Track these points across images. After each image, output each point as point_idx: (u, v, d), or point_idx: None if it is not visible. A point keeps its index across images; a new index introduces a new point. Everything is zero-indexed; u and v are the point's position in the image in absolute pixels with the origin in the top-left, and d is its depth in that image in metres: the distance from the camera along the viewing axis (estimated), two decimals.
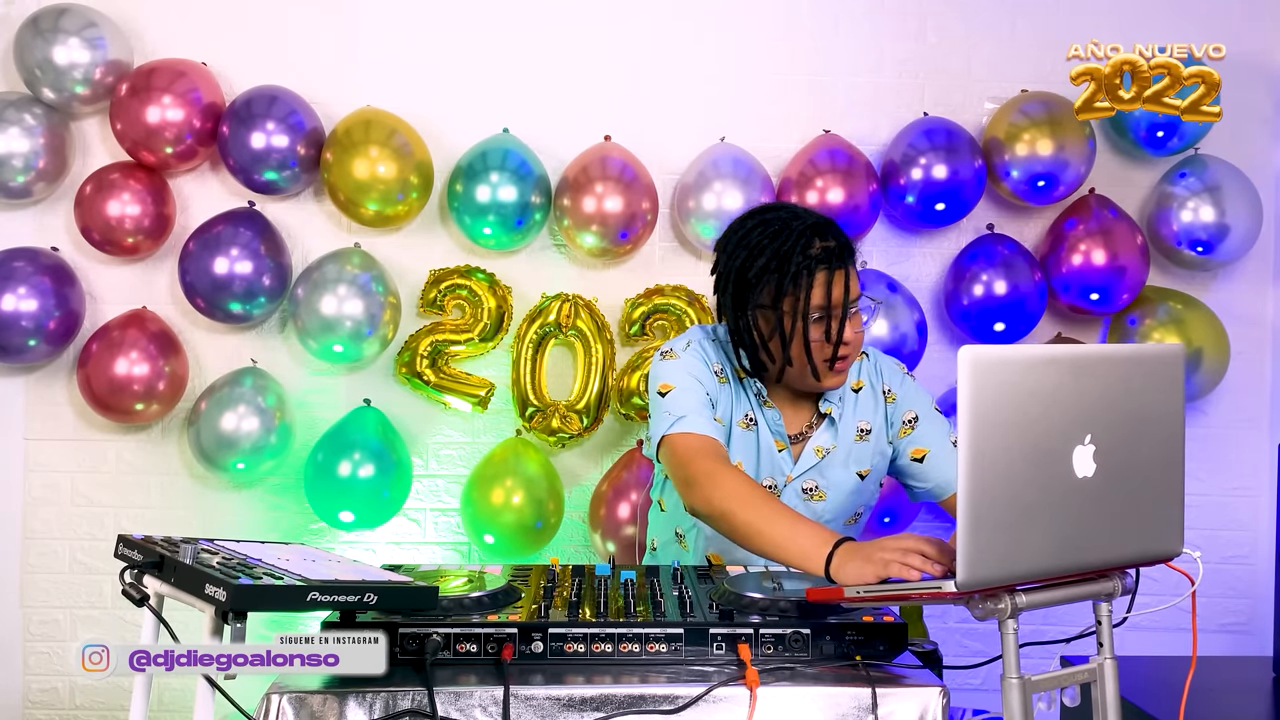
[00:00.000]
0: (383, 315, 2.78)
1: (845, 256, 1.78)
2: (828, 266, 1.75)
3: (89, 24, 2.78)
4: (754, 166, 2.82)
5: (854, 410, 1.93)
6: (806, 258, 1.75)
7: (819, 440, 1.90)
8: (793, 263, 1.74)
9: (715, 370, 1.88)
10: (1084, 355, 1.30)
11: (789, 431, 1.90)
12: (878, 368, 1.97)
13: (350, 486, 2.74)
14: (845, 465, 1.91)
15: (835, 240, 1.78)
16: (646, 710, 1.32)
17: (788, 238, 1.76)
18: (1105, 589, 1.31)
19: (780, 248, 1.76)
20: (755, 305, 1.80)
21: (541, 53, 2.95)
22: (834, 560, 1.49)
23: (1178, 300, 2.85)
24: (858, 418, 1.92)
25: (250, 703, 1.34)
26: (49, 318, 2.75)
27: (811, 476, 1.90)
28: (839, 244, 1.78)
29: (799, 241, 1.75)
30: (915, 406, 1.95)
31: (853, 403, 1.93)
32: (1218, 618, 2.95)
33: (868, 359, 1.98)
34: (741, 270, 1.80)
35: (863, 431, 1.91)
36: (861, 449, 1.92)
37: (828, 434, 1.90)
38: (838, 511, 1.91)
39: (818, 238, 1.77)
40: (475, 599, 1.49)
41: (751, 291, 1.79)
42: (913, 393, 1.96)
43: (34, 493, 2.95)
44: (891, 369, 1.98)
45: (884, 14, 2.97)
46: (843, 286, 1.75)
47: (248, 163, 2.76)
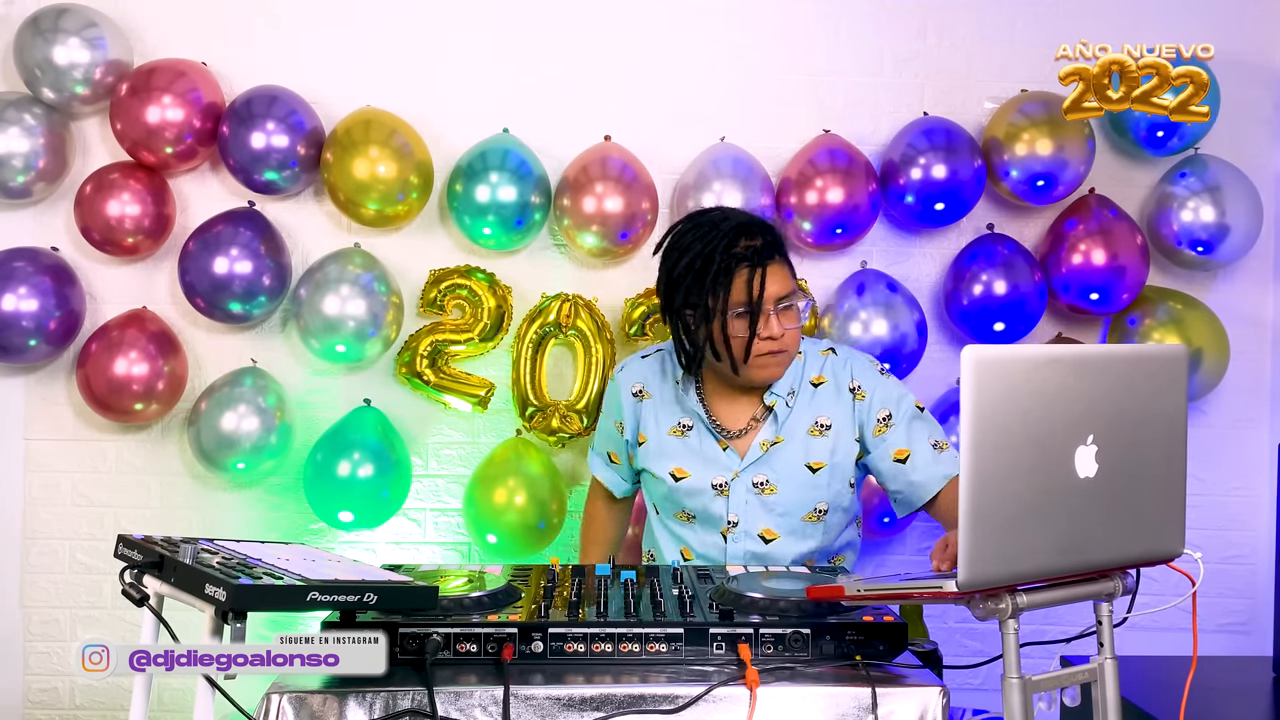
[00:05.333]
0: (386, 315, 2.78)
1: (769, 254, 1.86)
2: (749, 264, 1.83)
3: (89, 24, 2.78)
4: (754, 166, 2.82)
5: (810, 404, 1.96)
6: (729, 255, 1.84)
7: (764, 434, 1.95)
8: (716, 260, 1.83)
9: (634, 392, 2.03)
10: (1087, 355, 1.30)
11: (733, 427, 1.97)
12: (846, 365, 2.01)
13: (349, 486, 2.74)
14: (795, 458, 1.94)
15: (762, 239, 1.85)
16: (646, 710, 1.32)
17: (714, 238, 1.85)
18: (1106, 589, 1.32)
19: (705, 247, 1.85)
20: (683, 304, 1.89)
21: (541, 53, 2.95)
22: None
23: (1178, 300, 2.85)
24: (817, 412, 1.96)
25: (250, 703, 1.34)
26: (49, 318, 2.75)
27: (760, 470, 1.94)
28: (765, 242, 1.85)
29: (723, 240, 1.84)
30: (890, 405, 1.96)
31: (809, 396, 1.97)
32: (1217, 618, 2.95)
33: (835, 355, 2.02)
34: (671, 270, 1.89)
35: (821, 426, 1.95)
36: (818, 443, 1.94)
37: (772, 427, 1.95)
38: (791, 505, 1.94)
39: (743, 237, 1.86)
40: (475, 599, 1.49)
41: (678, 290, 1.88)
42: (888, 391, 1.98)
43: (34, 493, 2.95)
44: (864, 367, 2.00)
45: (884, 14, 2.97)
46: (761, 283, 1.83)
47: (248, 163, 2.76)
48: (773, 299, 1.86)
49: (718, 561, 1.98)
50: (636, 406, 2.03)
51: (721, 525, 1.97)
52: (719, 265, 1.83)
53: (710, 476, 1.95)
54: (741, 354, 1.87)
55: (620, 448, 2.12)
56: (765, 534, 1.96)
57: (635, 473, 2.17)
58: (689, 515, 2.01)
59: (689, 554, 2.02)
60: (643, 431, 2.02)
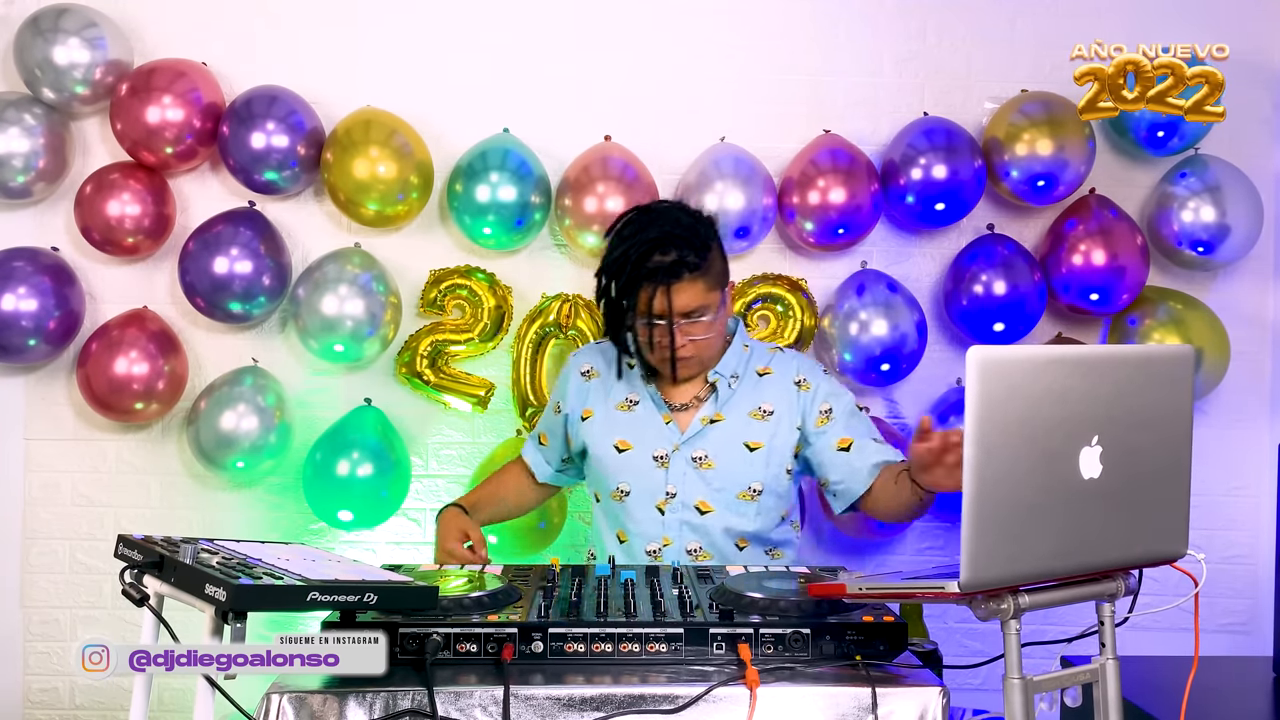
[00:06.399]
0: (384, 315, 2.78)
1: (677, 272, 1.91)
2: (653, 281, 1.91)
3: (89, 24, 2.78)
4: (755, 166, 2.82)
5: (754, 390, 2.07)
6: (638, 270, 1.92)
7: (705, 410, 2.05)
8: (625, 272, 1.92)
9: (583, 372, 2.16)
10: (1092, 356, 1.30)
11: (676, 401, 2.07)
12: (793, 361, 2.12)
13: (348, 486, 2.74)
14: (734, 437, 2.03)
15: (676, 254, 1.91)
16: (646, 710, 1.32)
17: (631, 247, 1.93)
18: (1109, 589, 1.31)
19: (620, 256, 1.94)
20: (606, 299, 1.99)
21: (541, 53, 2.95)
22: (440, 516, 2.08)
23: (1178, 300, 2.84)
24: (760, 398, 2.06)
25: (250, 703, 1.34)
26: (49, 318, 2.75)
27: (699, 445, 2.03)
28: (677, 259, 1.91)
29: (636, 253, 1.92)
30: (832, 400, 2.07)
31: (754, 383, 2.07)
32: (1218, 618, 2.95)
33: (782, 354, 2.14)
34: (599, 267, 2.00)
35: (764, 411, 2.05)
36: (758, 425, 2.04)
37: (714, 405, 2.05)
38: (727, 481, 2.02)
39: (657, 251, 1.92)
40: (475, 599, 1.49)
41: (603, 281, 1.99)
42: (830, 387, 2.09)
43: (34, 493, 2.94)
44: (810, 366, 2.12)
45: (884, 14, 2.97)
46: (664, 301, 1.91)
47: (248, 163, 2.76)
48: (678, 314, 1.94)
49: (652, 539, 2.01)
50: (583, 386, 2.14)
51: (659, 498, 2.03)
52: (627, 278, 1.92)
53: (652, 449, 2.04)
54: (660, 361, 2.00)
55: (555, 429, 2.21)
56: (700, 505, 2.02)
57: (562, 460, 2.26)
58: (625, 492, 2.06)
59: (624, 536, 2.07)
60: (589, 407, 2.11)
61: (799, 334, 2.88)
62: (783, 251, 2.97)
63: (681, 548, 2.01)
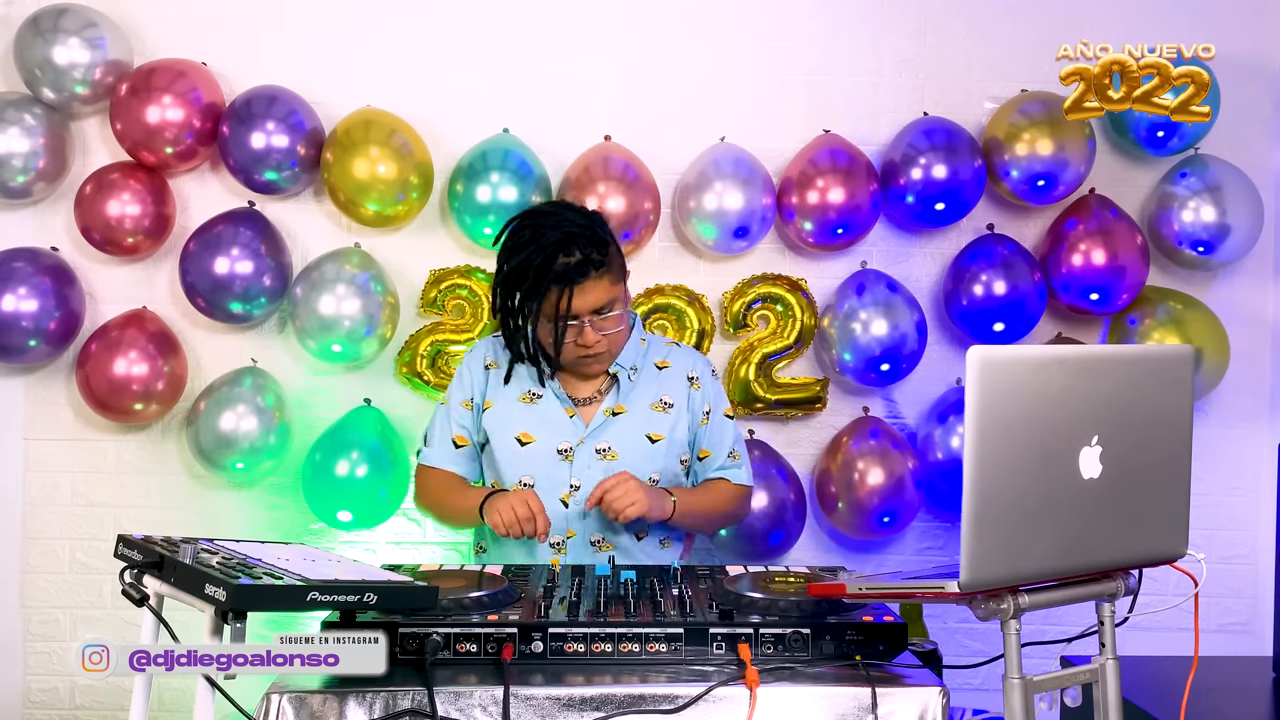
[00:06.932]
0: (381, 315, 2.78)
1: (583, 272, 1.93)
2: (560, 283, 1.92)
3: (89, 24, 2.78)
4: (754, 166, 2.82)
5: (654, 382, 2.10)
6: (543, 273, 1.92)
7: (607, 402, 2.07)
8: (530, 277, 1.93)
9: (487, 364, 2.13)
10: (1092, 356, 1.30)
11: (578, 396, 2.08)
12: (688, 356, 2.15)
13: (348, 486, 2.74)
14: (637, 428, 2.06)
15: (579, 254, 1.93)
16: (646, 710, 1.32)
17: (533, 252, 1.93)
18: (1109, 589, 1.31)
19: (522, 262, 1.94)
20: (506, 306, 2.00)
21: (541, 53, 2.95)
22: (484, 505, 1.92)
23: (1178, 300, 2.84)
24: (660, 390, 2.09)
25: (250, 703, 1.34)
26: (49, 318, 2.75)
27: (603, 438, 2.05)
28: (581, 258, 1.92)
29: (539, 257, 1.92)
30: (713, 402, 2.12)
31: (654, 375, 2.10)
32: (1218, 618, 2.95)
33: (678, 348, 2.17)
34: (498, 274, 1.99)
35: (664, 403, 2.08)
36: (659, 418, 2.07)
37: (615, 397, 2.07)
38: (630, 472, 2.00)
39: (561, 253, 1.93)
40: (475, 599, 1.49)
41: (502, 293, 1.99)
42: (714, 390, 2.13)
43: (34, 493, 2.94)
44: (703, 364, 2.16)
45: (884, 14, 2.97)
46: (568, 300, 1.92)
47: (248, 163, 2.76)
48: (586, 311, 1.95)
49: (556, 532, 2.01)
50: (485, 376, 2.12)
51: (563, 490, 2.03)
52: (532, 282, 1.93)
53: (556, 442, 2.04)
54: (554, 357, 2.01)
55: (471, 425, 2.11)
56: None
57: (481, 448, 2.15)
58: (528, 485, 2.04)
59: None
60: (489, 399, 2.10)
61: (799, 334, 2.88)
62: (782, 251, 2.97)
63: (585, 539, 2.02)
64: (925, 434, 2.88)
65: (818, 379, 2.92)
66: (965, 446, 1.16)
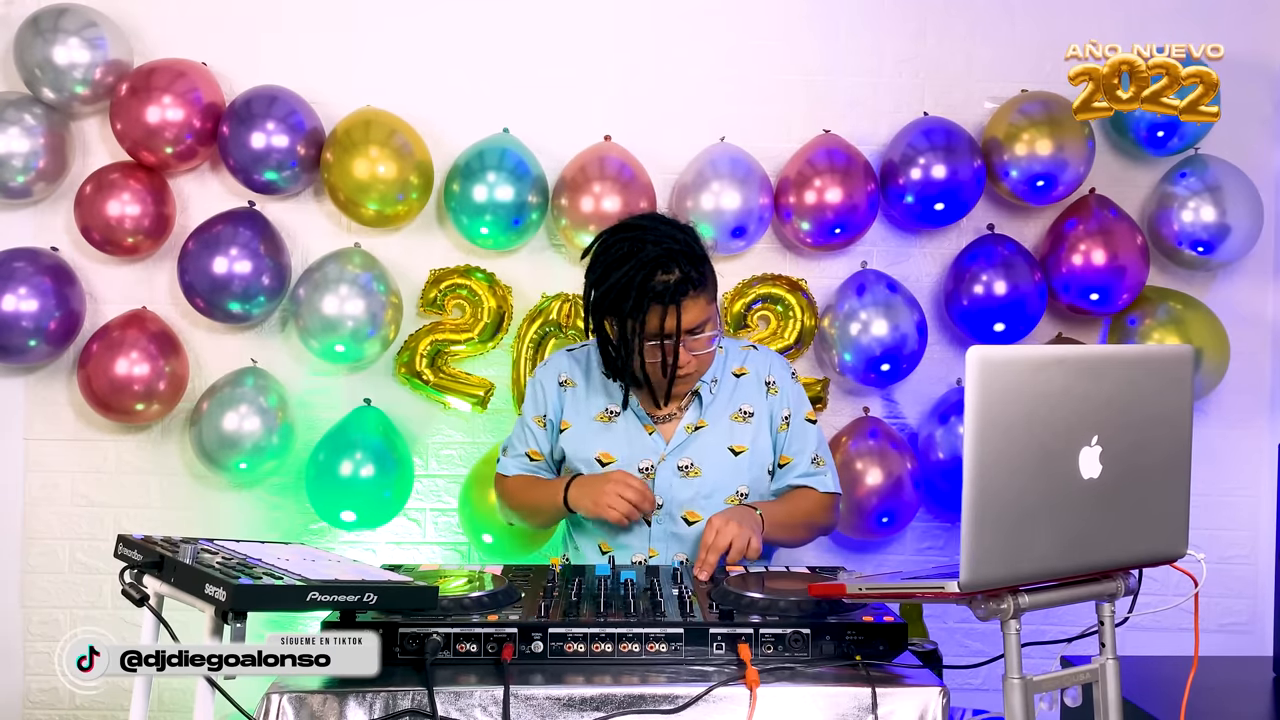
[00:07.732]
0: (384, 315, 2.78)
1: (684, 290, 1.88)
2: (662, 302, 1.87)
3: (89, 24, 2.78)
4: (753, 166, 2.82)
5: (733, 392, 2.05)
6: (644, 291, 1.87)
7: (689, 418, 2.02)
8: (630, 295, 1.87)
9: (561, 381, 2.10)
10: (1092, 356, 1.30)
11: (658, 413, 2.04)
12: (765, 361, 2.10)
13: (352, 486, 2.74)
14: (719, 442, 2.01)
15: (679, 272, 1.88)
16: (646, 710, 1.32)
17: (633, 269, 1.87)
18: (1109, 589, 1.31)
19: (621, 279, 1.88)
20: (604, 321, 1.95)
21: (541, 53, 2.95)
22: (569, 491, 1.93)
23: (1178, 300, 2.84)
24: (740, 400, 2.04)
25: (250, 703, 1.34)
26: (49, 318, 2.75)
27: (686, 454, 2.01)
28: (681, 276, 1.88)
29: (640, 274, 1.87)
30: (792, 406, 2.07)
31: (732, 385, 2.06)
32: (1218, 617, 2.95)
33: (755, 351, 2.11)
34: (593, 288, 1.94)
35: (745, 413, 2.04)
36: (740, 429, 2.03)
37: (696, 412, 2.02)
38: (715, 487, 2.00)
39: (660, 270, 1.88)
40: (475, 599, 1.49)
41: (599, 312, 1.94)
42: (794, 394, 2.08)
43: (34, 493, 2.94)
44: (780, 366, 2.10)
45: (884, 14, 2.97)
46: (674, 320, 1.87)
47: (248, 163, 2.76)
48: (684, 331, 1.90)
49: (638, 551, 1.99)
50: (561, 394, 2.09)
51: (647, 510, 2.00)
52: (634, 300, 1.87)
53: (637, 460, 2.00)
54: (656, 379, 1.95)
55: (544, 441, 2.12)
56: (688, 515, 1.99)
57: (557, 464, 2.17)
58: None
59: (607, 546, 2.03)
60: (566, 419, 2.07)
61: (799, 334, 2.88)
62: (783, 252, 2.97)
63: (667, 558, 1.98)
64: (926, 434, 2.88)
65: (818, 379, 2.92)
66: (965, 446, 1.16)
